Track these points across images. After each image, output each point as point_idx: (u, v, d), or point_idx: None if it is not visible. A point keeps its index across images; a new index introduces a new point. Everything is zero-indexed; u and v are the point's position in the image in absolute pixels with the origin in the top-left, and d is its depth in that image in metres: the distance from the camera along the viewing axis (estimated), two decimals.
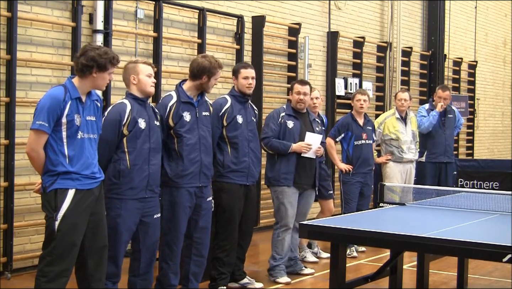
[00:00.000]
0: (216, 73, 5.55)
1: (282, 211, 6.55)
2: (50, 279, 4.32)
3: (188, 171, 5.43)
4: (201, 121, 5.55)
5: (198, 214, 5.56)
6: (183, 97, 5.50)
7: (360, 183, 7.87)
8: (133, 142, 5.01)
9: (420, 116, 9.09)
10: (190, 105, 5.51)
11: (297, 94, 6.64)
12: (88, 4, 7.18)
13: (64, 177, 4.37)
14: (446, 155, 9.15)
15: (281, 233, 6.57)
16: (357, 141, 7.86)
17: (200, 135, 5.51)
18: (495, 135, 16.66)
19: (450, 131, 9.35)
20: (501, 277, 6.83)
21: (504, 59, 17.09)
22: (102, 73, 4.48)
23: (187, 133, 5.44)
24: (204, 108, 5.63)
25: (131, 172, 4.99)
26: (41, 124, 4.31)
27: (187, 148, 5.43)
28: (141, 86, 5.13)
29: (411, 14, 13.14)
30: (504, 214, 5.27)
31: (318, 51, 10.64)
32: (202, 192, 5.55)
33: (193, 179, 5.46)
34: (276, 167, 6.52)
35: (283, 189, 6.51)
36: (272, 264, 6.56)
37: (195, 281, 5.64)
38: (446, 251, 4.24)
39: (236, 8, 9.11)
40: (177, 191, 5.41)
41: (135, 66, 5.17)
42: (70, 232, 4.36)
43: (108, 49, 4.64)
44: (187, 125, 5.45)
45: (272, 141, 6.51)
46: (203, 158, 5.52)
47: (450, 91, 9.40)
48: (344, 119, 8.05)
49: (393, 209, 5.72)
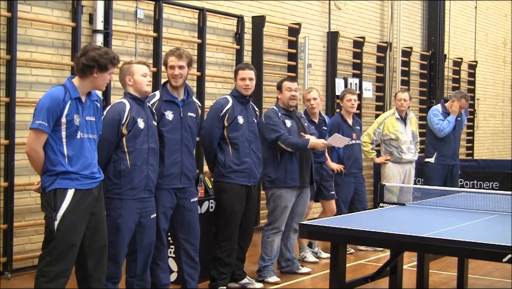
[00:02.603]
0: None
1: (277, 213, 6.53)
2: (49, 279, 4.32)
3: (170, 172, 5.38)
4: (185, 121, 5.49)
5: (182, 215, 5.50)
6: (166, 96, 5.44)
7: (354, 183, 8.00)
8: (133, 142, 5.01)
9: (438, 120, 8.97)
10: (174, 104, 5.45)
11: (288, 90, 6.56)
12: (88, 4, 7.18)
13: (63, 177, 4.37)
14: (453, 157, 9.17)
15: (271, 235, 6.57)
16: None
17: (183, 136, 5.45)
18: (495, 135, 16.66)
19: (458, 134, 9.37)
20: (501, 277, 6.83)
21: (504, 59, 17.09)
22: (103, 73, 4.48)
23: (169, 133, 5.38)
24: (190, 109, 5.56)
25: (131, 172, 4.99)
26: (41, 124, 4.31)
27: (169, 148, 5.38)
28: (136, 86, 5.12)
29: (411, 14, 13.14)
30: (504, 214, 5.27)
31: (318, 51, 10.64)
32: (184, 192, 5.50)
33: (173, 180, 5.41)
34: (281, 167, 6.45)
35: (282, 192, 6.48)
36: (262, 265, 6.57)
37: (192, 281, 5.62)
38: (446, 251, 4.24)
39: (236, 8, 9.11)
40: (157, 191, 5.31)
41: (130, 67, 5.15)
42: (70, 232, 4.36)
43: (109, 49, 4.64)
44: (169, 125, 5.39)
45: (289, 137, 6.38)
46: (184, 159, 5.46)
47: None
48: (334, 119, 8.09)
49: (393, 209, 5.72)
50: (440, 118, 9.01)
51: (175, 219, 5.51)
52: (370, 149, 8.57)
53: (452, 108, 9.01)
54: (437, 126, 8.93)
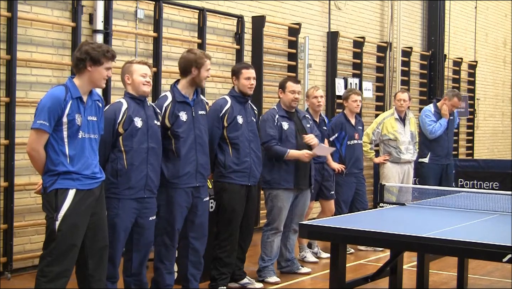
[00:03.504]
0: (204, 63, 5.48)
1: (275, 214, 6.53)
2: (50, 279, 4.32)
3: (185, 171, 5.41)
4: (197, 120, 5.52)
5: (194, 214, 5.54)
6: (178, 97, 5.47)
7: (355, 183, 7.99)
8: (129, 141, 5.00)
9: (430, 121, 8.94)
10: (186, 104, 5.48)
11: (292, 93, 6.54)
12: (88, 4, 7.18)
13: (64, 177, 4.37)
14: (447, 157, 9.16)
15: (270, 236, 6.57)
16: (350, 141, 7.91)
17: (196, 135, 5.49)
18: (495, 135, 16.66)
19: (451, 133, 9.37)
20: (501, 277, 6.83)
21: (504, 59, 17.09)
22: (97, 67, 4.45)
23: (184, 133, 5.42)
24: (200, 108, 5.60)
25: (128, 172, 4.98)
26: (42, 124, 4.31)
27: (184, 148, 5.41)
28: (134, 86, 5.11)
29: (411, 14, 13.14)
30: (504, 214, 5.27)
31: (318, 51, 10.64)
32: (199, 191, 5.53)
33: (190, 178, 5.45)
34: (275, 169, 6.45)
35: (278, 192, 6.47)
36: (262, 265, 6.57)
37: (194, 281, 5.63)
38: (446, 251, 4.24)
39: (236, 8, 9.11)
40: (174, 191, 5.39)
41: (130, 66, 5.15)
42: (71, 232, 4.36)
43: (104, 44, 4.63)
44: (184, 125, 5.42)
45: (274, 147, 6.35)
46: (199, 157, 5.49)
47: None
48: (337, 119, 8.08)
49: (393, 209, 5.72)
50: (432, 120, 8.98)
51: (187, 218, 5.52)
52: (368, 148, 8.57)
53: (442, 112, 8.98)
54: (428, 128, 8.92)
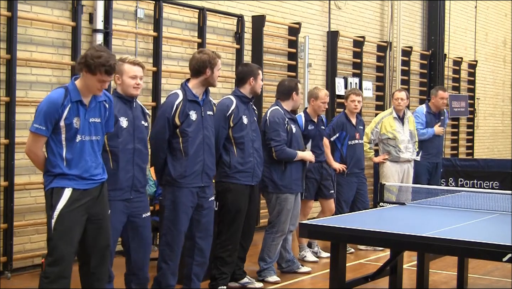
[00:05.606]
0: (216, 63, 5.52)
1: (282, 216, 6.54)
2: (52, 280, 4.32)
3: (192, 170, 5.40)
4: (206, 120, 5.51)
5: (200, 214, 5.53)
6: (190, 95, 5.46)
7: (356, 183, 7.99)
8: (115, 142, 4.92)
9: (417, 123, 9.06)
10: (196, 104, 5.47)
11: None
12: (88, 3, 7.18)
13: (61, 177, 4.38)
14: (437, 155, 9.36)
15: (276, 238, 6.59)
16: (351, 141, 7.91)
17: (205, 135, 5.48)
18: (495, 135, 16.66)
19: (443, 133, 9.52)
20: (501, 276, 6.83)
21: (504, 59, 17.09)
22: (91, 76, 4.34)
23: (193, 133, 5.41)
24: (208, 108, 5.60)
25: (115, 173, 4.91)
26: (38, 128, 4.32)
27: (192, 148, 5.40)
28: (123, 87, 5.02)
29: (411, 14, 13.14)
30: (504, 214, 5.27)
31: (318, 50, 10.64)
32: (204, 191, 5.52)
33: (196, 178, 5.43)
34: (287, 174, 6.49)
35: (287, 195, 6.51)
36: (263, 267, 6.57)
37: (197, 281, 5.62)
38: (446, 251, 4.24)
39: (236, 7, 9.11)
40: (179, 190, 5.38)
41: (120, 66, 4.96)
42: (66, 231, 4.35)
43: (107, 56, 4.35)
44: (193, 125, 5.41)
45: (286, 149, 6.44)
46: (206, 157, 5.49)
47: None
48: (338, 118, 8.08)
49: (393, 208, 5.72)
50: (420, 122, 9.19)
51: (192, 218, 5.52)
52: (368, 148, 8.57)
53: (436, 131, 9.20)
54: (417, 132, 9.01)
